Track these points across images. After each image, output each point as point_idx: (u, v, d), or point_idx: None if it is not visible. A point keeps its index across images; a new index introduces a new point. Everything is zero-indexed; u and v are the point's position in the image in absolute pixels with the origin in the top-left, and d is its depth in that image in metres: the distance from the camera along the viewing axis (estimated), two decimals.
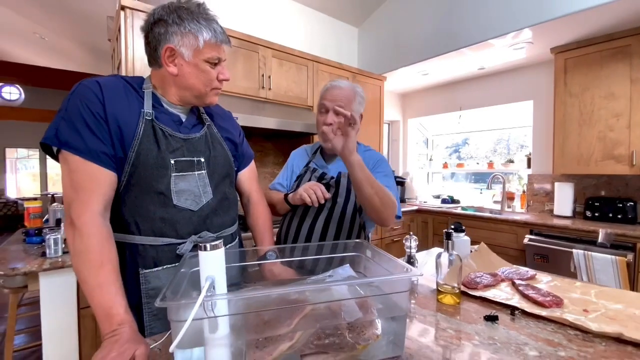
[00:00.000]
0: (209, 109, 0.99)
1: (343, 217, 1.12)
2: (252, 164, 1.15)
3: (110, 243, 0.73)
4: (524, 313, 0.86)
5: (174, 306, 0.52)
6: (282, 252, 0.94)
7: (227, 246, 0.95)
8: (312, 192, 1.04)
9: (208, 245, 0.56)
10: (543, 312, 0.84)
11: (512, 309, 0.87)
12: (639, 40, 2.15)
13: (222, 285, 0.58)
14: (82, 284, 0.70)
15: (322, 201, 1.05)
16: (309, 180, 1.19)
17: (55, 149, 0.73)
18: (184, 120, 0.89)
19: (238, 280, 0.88)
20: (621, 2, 1.88)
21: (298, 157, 1.32)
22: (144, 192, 0.79)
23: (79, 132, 0.71)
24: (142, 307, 0.82)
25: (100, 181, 0.73)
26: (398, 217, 1.09)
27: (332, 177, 1.16)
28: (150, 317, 0.82)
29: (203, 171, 0.89)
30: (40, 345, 1.43)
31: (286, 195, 1.15)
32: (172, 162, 0.82)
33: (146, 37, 0.82)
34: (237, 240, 1.03)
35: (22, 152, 8.26)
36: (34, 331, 2.59)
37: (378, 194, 0.96)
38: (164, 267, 0.83)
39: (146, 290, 0.82)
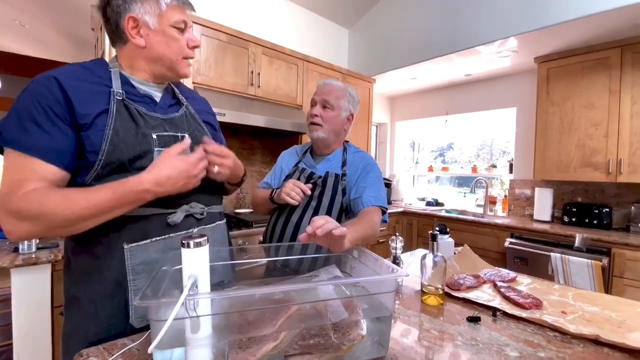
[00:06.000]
0: (184, 92, 0.96)
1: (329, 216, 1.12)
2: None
3: (59, 188, 0.69)
4: (505, 314, 0.88)
5: (154, 305, 0.50)
6: (267, 251, 0.93)
7: (216, 223, 0.92)
8: (292, 192, 1.04)
9: (192, 242, 0.54)
10: (523, 314, 0.86)
11: (493, 310, 0.89)
12: (618, 52, 2.24)
13: (205, 284, 0.56)
14: (80, 220, 0.66)
15: (301, 197, 1.05)
16: (298, 179, 1.18)
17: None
18: (158, 100, 0.85)
19: (222, 278, 0.86)
20: (602, 15, 1.95)
21: (288, 156, 1.31)
22: (127, 170, 0.74)
23: (25, 128, 0.66)
24: (127, 284, 0.75)
25: (40, 174, 0.67)
26: (384, 222, 1.10)
27: (320, 177, 1.16)
28: (136, 295, 0.75)
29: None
30: (11, 344, 1.36)
31: (271, 195, 1.14)
32: (154, 136, 0.78)
33: (104, 14, 0.77)
34: (224, 220, 0.99)
35: None
36: (5, 330, 2.48)
37: (363, 240, 0.94)
38: (153, 239, 0.77)
39: (132, 265, 0.75)
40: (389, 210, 2.01)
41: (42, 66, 4.83)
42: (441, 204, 3.58)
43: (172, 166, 0.68)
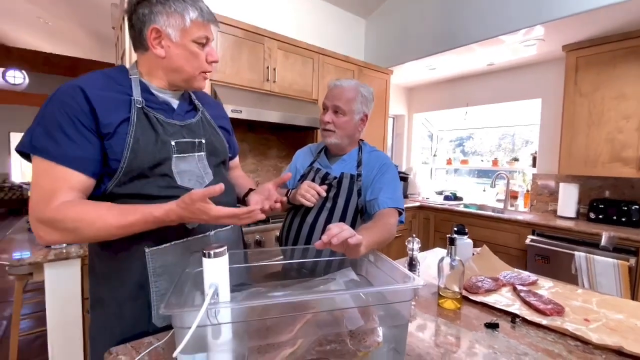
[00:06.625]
0: (200, 98, 0.98)
1: (344, 218, 1.12)
2: (237, 157, 1.17)
3: (92, 202, 0.72)
4: (525, 321, 0.86)
5: (178, 313, 0.53)
6: (283, 253, 0.94)
7: (231, 225, 0.95)
8: (307, 193, 1.04)
9: (212, 253, 0.56)
10: (544, 321, 0.85)
11: (512, 317, 0.88)
12: None
13: (225, 291, 0.58)
14: (111, 237, 0.71)
15: (316, 199, 1.05)
16: (313, 179, 1.19)
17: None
18: (175, 107, 0.87)
19: (239, 279, 0.88)
20: (636, 0, 1.82)
21: (302, 156, 1.31)
22: (147, 176, 0.78)
23: (54, 138, 0.69)
24: (149, 286, 0.79)
25: (71, 183, 0.70)
26: (401, 222, 1.09)
27: (335, 177, 1.16)
28: (157, 297, 0.80)
29: (203, 153, 0.88)
30: (45, 330, 1.46)
31: (287, 195, 1.15)
32: (173, 143, 0.81)
33: (129, 20, 0.79)
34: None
35: None
36: (39, 316, 2.64)
37: (379, 244, 0.93)
38: (172, 242, 0.81)
39: (153, 268, 0.79)
40: (405, 205, 1.91)
41: (66, 63, 4.99)
42: (460, 198, 3.51)
43: (192, 211, 0.69)
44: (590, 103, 2.38)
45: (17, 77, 6.82)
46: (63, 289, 1.43)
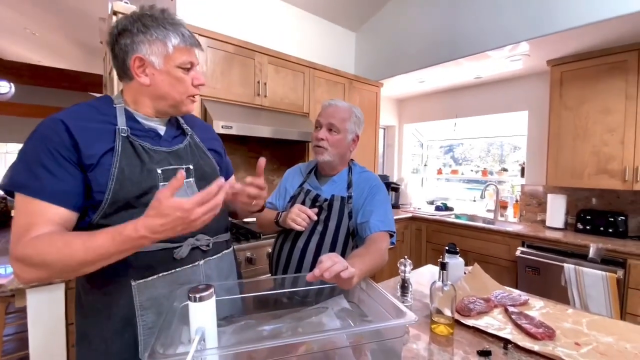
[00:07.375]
0: (189, 121, 0.97)
1: (335, 241, 1.11)
2: (233, 177, 1.13)
3: (61, 233, 0.68)
4: (517, 347, 0.86)
5: None
6: (274, 282, 0.93)
7: (222, 253, 0.94)
8: (297, 217, 1.05)
9: (198, 296, 0.54)
10: (535, 347, 0.84)
11: (505, 342, 0.87)
12: (635, 56, 2.16)
13: (212, 335, 0.56)
14: (82, 265, 0.64)
15: (307, 222, 1.05)
16: (303, 201, 1.18)
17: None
18: (162, 133, 0.85)
19: (230, 311, 0.86)
20: (618, 19, 1.88)
21: (292, 177, 1.31)
22: (133, 206, 0.75)
23: (34, 173, 0.67)
24: (136, 320, 0.76)
25: (49, 217, 0.67)
26: (392, 244, 1.09)
27: (326, 200, 1.15)
28: (145, 331, 0.76)
29: (191, 179, 0.87)
30: (27, 353, 1.40)
31: (277, 217, 1.14)
32: (159, 171, 0.79)
33: (112, 51, 0.78)
34: (231, 248, 1.01)
35: (12, 146, 8.10)
36: (23, 337, 2.55)
37: (372, 272, 0.93)
38: (160, 274, 0.78)
39: (140, 302, 0.76)
40: (397, 216, 1.86)
41: (53, 74, 4.91)
42: (450, 209, 3.53)
43: (164, 213, 0.61)
44: (576, 116, 2.43)
45: (2, 87, 6.67)
46: (46, 314, 1.38)
